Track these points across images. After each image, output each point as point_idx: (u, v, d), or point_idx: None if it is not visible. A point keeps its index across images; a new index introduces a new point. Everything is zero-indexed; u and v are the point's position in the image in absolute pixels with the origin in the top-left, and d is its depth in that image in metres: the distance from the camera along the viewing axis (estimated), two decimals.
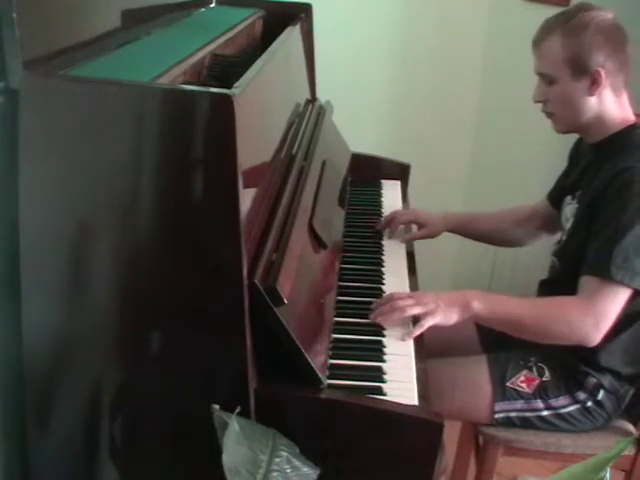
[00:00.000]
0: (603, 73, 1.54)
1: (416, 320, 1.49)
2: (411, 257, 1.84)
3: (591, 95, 1.56)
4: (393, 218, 1.92)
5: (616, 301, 1.51)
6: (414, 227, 1.97)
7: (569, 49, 1.54)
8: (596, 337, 1.51)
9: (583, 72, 1.55)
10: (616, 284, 1.49)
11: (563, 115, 1.62)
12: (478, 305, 1.52)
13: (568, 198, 1.73)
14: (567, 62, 1.55)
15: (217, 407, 1.04)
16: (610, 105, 1.59)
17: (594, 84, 1.55)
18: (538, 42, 1.60)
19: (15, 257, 1.12)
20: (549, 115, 1.65)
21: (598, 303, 1.50)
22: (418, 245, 1.92)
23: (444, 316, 1.49)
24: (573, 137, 1.79)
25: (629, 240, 1.49)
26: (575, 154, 1.81)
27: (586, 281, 1.53)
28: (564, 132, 1.67)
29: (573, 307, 1.53)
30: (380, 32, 2.78)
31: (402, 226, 1.94)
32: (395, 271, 1.73)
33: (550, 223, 1.88)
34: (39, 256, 1.12)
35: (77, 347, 1.17)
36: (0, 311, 1.16)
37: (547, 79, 1.59)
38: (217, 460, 0.99)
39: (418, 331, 1.46)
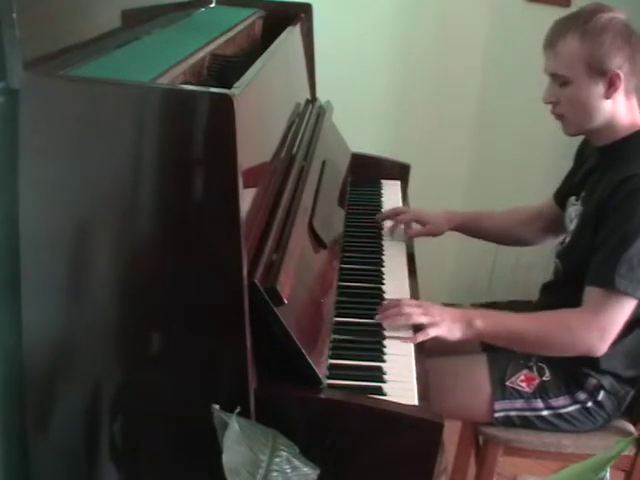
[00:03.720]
0: (622, 76, 1.52)
1: (418, 328, 1.49)
2: (411, 257, 1.83)
3: (607, 98, 1.54)
4: (395, 217, 1.92)
5: (621, 312, 1.50)
6: (415, 226, 1.97)
7: (588, 51, 1.51)
8: (602, 349, 1.51)
9: (601, 74, 1.52)
10: (621, 295, 1.48)
11: (574, 117, 1.59)
12: (481, 323, 1.53)
13: (572, 199, 1.72)
14: (585, 64, 1.52)
15: (217, 407, 1.04)
16: (621, 109, 1.57)
17: (611, 87, 1.53)
18: (553, 43, 1.56)
19: (15, 257, 1.12)
20: (559, 117, 1.61)
21: (603, 315, 1.50)
22: (418, 245, 1.92)
23: (448, 330, 1.51)
24: (575, 138, 1.78)
25: (634, 250, 1.47)
26: (581, 154, 1.79)
27: (590, 292, 1.52)
28: (573, 135, 1.64)
29: (577, 320, 1.52)
30: (380, 32, 2.78)
31: (402, 226, 1.94)
32: (395, 271, 1.73)
33: (555, 224, 1.86)
34: (39, 256, 1.12)
35: (77, 347, 1.17)
36: (0, 311, 1.16)
37: (561, 80, 1.56)
38: (217, 460, 0.99)
39: (421, 338, 1.47)
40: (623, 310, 1.50)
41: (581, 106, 1.57)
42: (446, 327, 1.50)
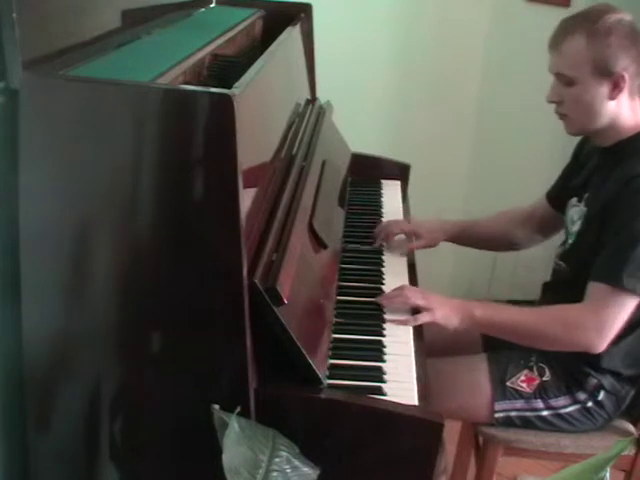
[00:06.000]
0: (627, 77, 1.52)
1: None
2: (411, 257, 1.83)
3: (611, 99, 1.54)
4: (389, 231, 1.86)
5: (623, 310, 1.50)
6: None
7: (595, 51, 1.51)
8: (600, 345, 1.51)
9: (606, 76, 1.52)
10: (625, 292, 1.48)
11: (578, 117, 1.59)
12: (480, 313, 1.55)
13: (574, 200, 1.70)
14: (591, 64, 1.51)
15: (217, 407, 1.04)
16: (625, 110, 1.57)
17: (616, 88, 1.53)
18: (558, 42, 1.56)
19: (15, 257, 1.12)
20: (562, 116, 1.61)
21: (604, 311, 1.50)
22: None
23: (444, 318, 1.54)
24: (575, 137, 1.78)
25: None
26: (580, 153, 1.78)
27: (594, 287, 1.52)
28: (575, 134, 1.64)
29: (577, 315, 1.53)
30: (380, 32, 2.78)
31: (402, 236, 1.91)
32: (395, 271, 1.73)
33: (547, 225, 1.86)
34: (39, 256, 1.12)
35: (77, 347, 1.17)
36: (0, 311, 1.16)
37: (565, 80, 1.56)
38: (217, 460, 0.99)
39: (412, 323, 1.51)
40: (625, 308, 1.50)
41: (585, 106, 1.57)
42: (441, 314, 1.53)
